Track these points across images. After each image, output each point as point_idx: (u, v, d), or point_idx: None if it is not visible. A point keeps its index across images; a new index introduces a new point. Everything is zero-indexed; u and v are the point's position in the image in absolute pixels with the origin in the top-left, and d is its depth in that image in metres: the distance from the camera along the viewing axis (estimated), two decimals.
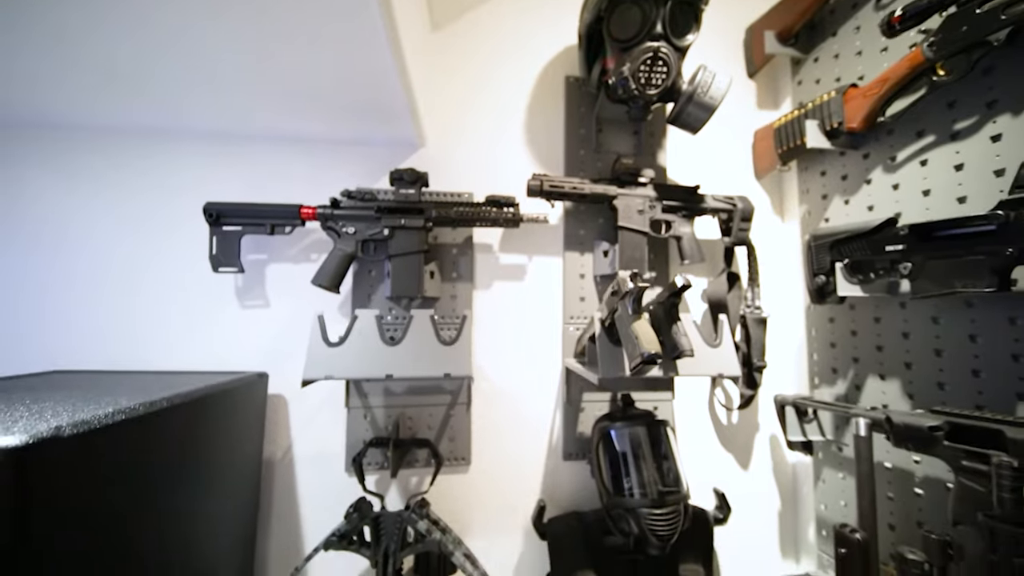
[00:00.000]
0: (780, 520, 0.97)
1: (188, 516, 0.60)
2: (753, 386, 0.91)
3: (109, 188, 0.84)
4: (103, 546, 0.44)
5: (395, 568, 0.72)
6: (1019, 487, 0.49)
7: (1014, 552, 0.47)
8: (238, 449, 0.72)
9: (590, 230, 0.96)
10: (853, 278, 0.75)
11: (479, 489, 0.88)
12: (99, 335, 0.82)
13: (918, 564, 0.58)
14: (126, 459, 0.47)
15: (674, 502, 0.72)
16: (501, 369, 0.92)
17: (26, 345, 0.80)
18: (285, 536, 0.82)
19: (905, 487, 0.73)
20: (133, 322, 0.83)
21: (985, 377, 0.62)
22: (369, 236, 0.81)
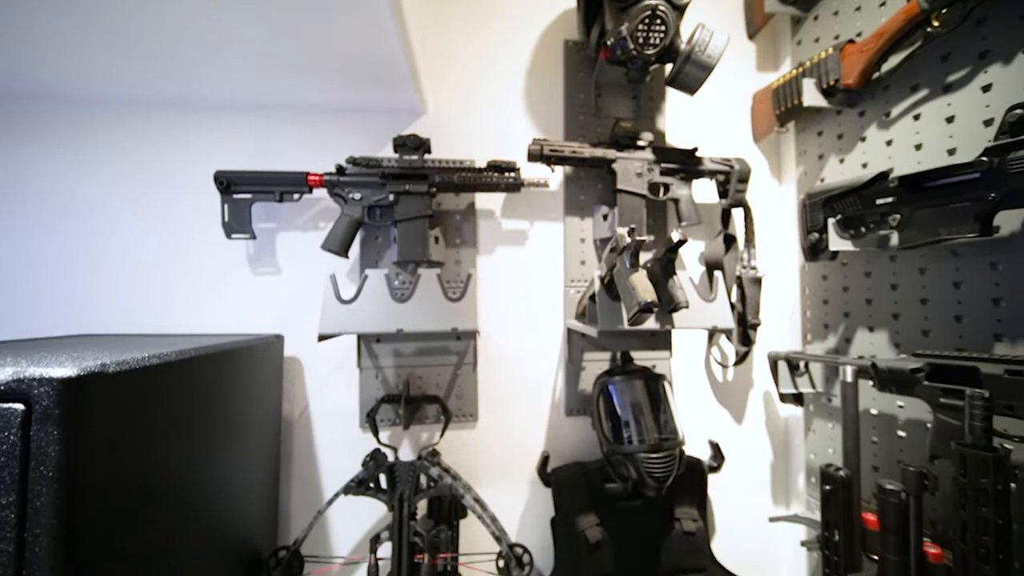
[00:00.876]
0: (772, 471, 1.02)
1: (219, 463, 0.64)
2: (747, 343, 0.95)
3: (117, 161, 0.87)
4: (148, 477, 0.49)
5: (410, 511, 0.78)
6: (989, 416, 0.52)
7: (981, 474, 0.51)
8: (259, 404, 0.76)
9: (590, 195, 0.98)
10: (845, 233, 0.77)
11: (486, 443, 0.93)
12: (116, 305, 0.86)
13: (895, 493, 0.63)
14: (162, 399, 0.51)
15: (669, 447, 0.77)
16: (505, 331, 0.95)
17: (48, 316, 0.84)
18: (306, 486, 0.88)
19: (889, 431, 0.77)
20: (147, 293, 0.87)
21: (966, 322, 0.65)
22: (375, 202, 0.84)
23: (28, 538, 0.37)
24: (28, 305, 0.84)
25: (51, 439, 0.38)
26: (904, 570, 0.62)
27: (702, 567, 0.85)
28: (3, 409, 0.38)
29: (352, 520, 0.88)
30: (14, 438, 0.38)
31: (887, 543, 0.63)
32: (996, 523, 0.51)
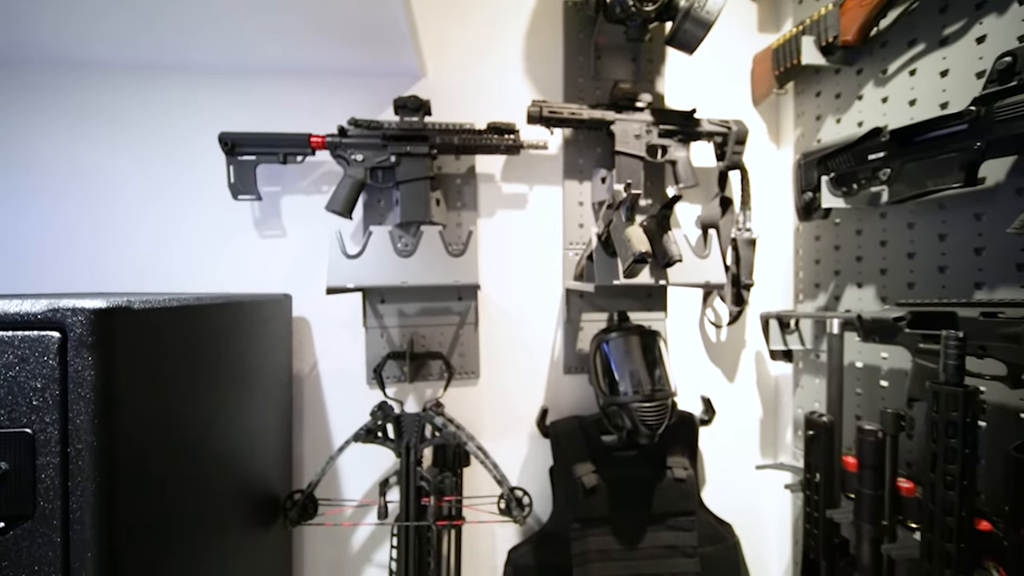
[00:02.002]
0: (761, 426, 1.07)
1: (236, 410, 0.68)
2: (740, 303, 0.97)
3: (122, 125, 0.88)
4: (173, 413, 0.53)
5: (416, 458, 0.82)
6: (962, 355, 0.55)
7: (952, 408, 0.55)
8: (271, 358, 0.80)
9: (588, 159, 0.99)
10: (837, 191, 0.79)
11: (488, 399, 0.97)
12: (122, 267, 0.89)
13: (873, 432, 0.66)
14: (183, 340, 0.54)
15: (662, 398, 0.80)
16: (506, 292, 0.98)
17: (52, 279, 0.86)
18: (317, 438, 0.93)
19: (872, 382, 0.80)
20: (153, 255, 0.89)
21: (949, 272, 0.67)
22: (377, 163, 0.85)
23: (71, 452, 0.41)
24: (32, 268, 0.86)
25: (87, 364, 0.41)
26: (879, 503, 0.66)
27: (691, 511, 0.91)
28: (41, 336, 0.41)
29: (362, 468, 0.93)
30: (53, 363, 0.41)
31: (864, 479, 0.67)
32: (963, 452, 0.54)
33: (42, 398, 0.41)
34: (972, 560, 0.55)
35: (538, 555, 0.89)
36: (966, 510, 0.54)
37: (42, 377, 0.41)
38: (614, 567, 0.87)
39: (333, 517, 0.90)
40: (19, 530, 0.40)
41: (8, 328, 0.40)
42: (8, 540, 0.40)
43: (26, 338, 0.40)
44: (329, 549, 0.92)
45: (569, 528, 0.88)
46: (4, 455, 0.40)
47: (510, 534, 0.97)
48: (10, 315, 0.41)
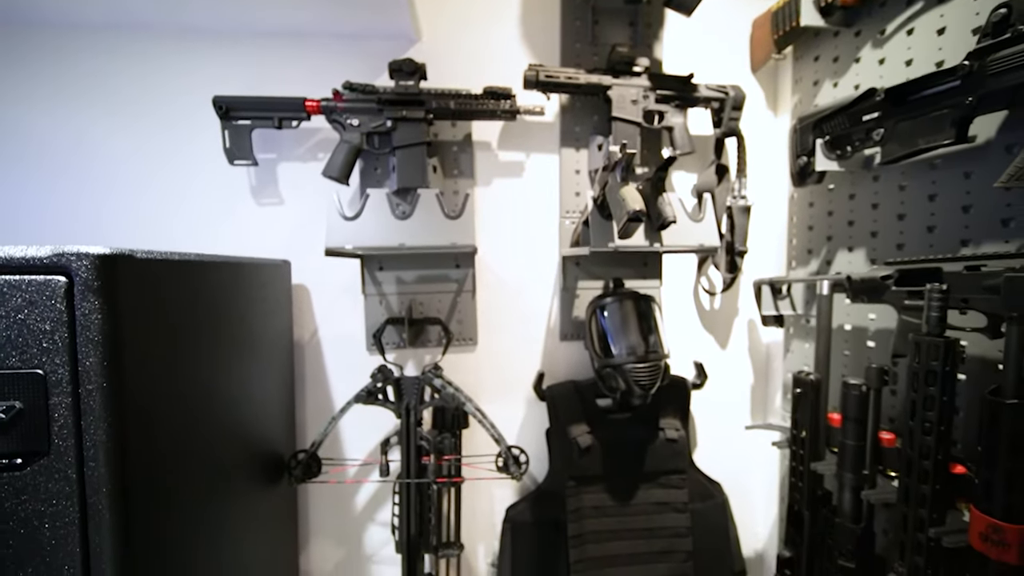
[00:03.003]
0: (752, 391, 1.10)
1: (238, 371, 0.69)
2: (734, 270, 0.99)
3: (114, 92, 0.87)
4: (177, 368, 0.54)
5: (416, 419, 0.85)
6: (944, 307, 0.57)
7: (932, 357, 0.57)
8: (272, 322, 0.81)
9: (585, 126, 0.99)
10: (831, 154, 0.79)
11: (485, 365, 1.00)
12: (119, 235, 0.89)
13: (857, 386, 0.69)
14: (185, 295, 0.56)
15: (655, 359, 0.83)
16: (503, 261, 0.99)
17: None
18: (319, 402, 0.95)
19: (859, 343, 0.83)
20: (150, 224, 0.89)
21: (938, 231, 0.69)
22: (373, 128, 0.85)
23: (82, 392, 0.43)
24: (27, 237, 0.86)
25: (93, 308, 0.42)
26: (860, 453, 0.69)
27: (682, 470, 0.94)
28: (48, 280, 0.42)
29: (363, 431, 0.95)
30: (60, 307, 0.42)
31: (847, 431, 0.70)
32: (941, 400, 0.56)
33: (52, 340, 0.42)
34: (946, 501, 0.58)
35: (535, 512, 0.93)
36: (942, 454, 0.57)
37: (51, 320, 0.42)
38: (607, 522, 0.91)
39: (336, 475, 0.93)
40: (36, 466, 0.42)
41: (15, 272, 0.41)
42: (27, 475, 0.42)
43: (33, 282, 0.41)
44: (333, 506, 0.96)
45: (564, 486, 0.91)
46: (18, 395, 0.42)
47: (508, 493, 1.01)
48: (16, 259, 0.41)
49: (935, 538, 0.56)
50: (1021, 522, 0.49)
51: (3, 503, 0.42)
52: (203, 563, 0.60)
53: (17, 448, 0.42)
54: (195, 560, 0.58)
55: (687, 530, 0.93)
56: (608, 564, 0.90)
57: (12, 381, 0.41)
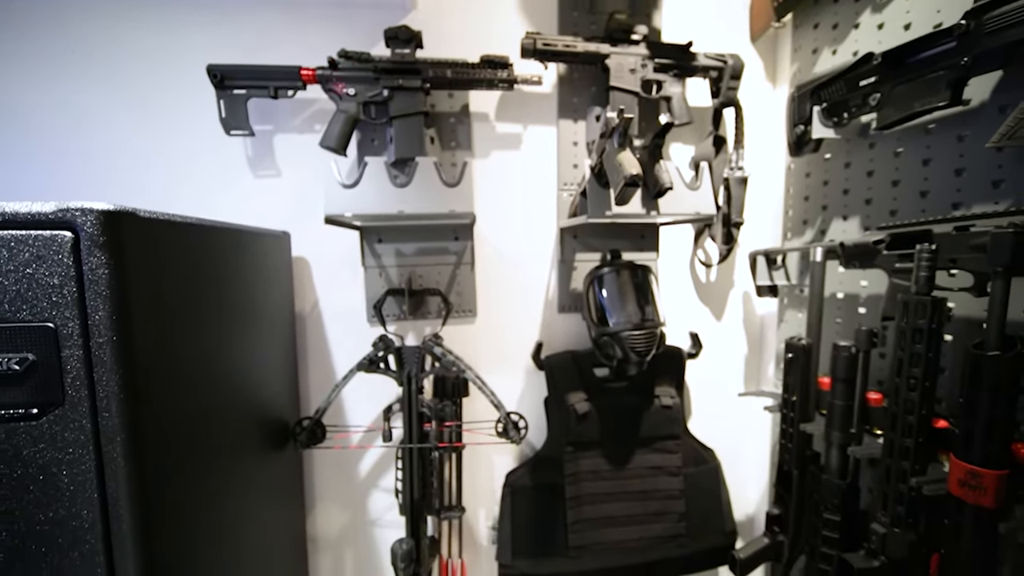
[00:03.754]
0: (746, 362, 1.12)
1: (241, 339, 0.71)
2: (730, 242, 1.00)
3: (108, 63, 0.86)
4: (182, 330, 0.55)
5: (418, 387, 0.87)
6: (933, 266, 0.58)
7: (919, 315, 0.58)
8: (273, 292, 0.82)
9: (583, 97, 0.98)
10: (828, 121, 0.80)
11: (485, 337, 1.01)
12: None
13: (847, 348, 0.71)
14: (186, 259, 0.56)
15: (651, 327, 0.84)
16: (501, 233, 1.00)
17: None
18: (321, 373, 0.97)
19: (851, 310, 0.84)
20: (149, 197, 0.89)
21: (931, 196, 0.70)
22: (369, 98, 0.84)
23: (93, 345, 0.44)
24: None
25: (100, 263, 0.43)
26: (848, 412, 0.72)
27: (676, 435, 0.97)
28: (54, 235, 0.42)
29: (366, 401, 0.98)
30: (68, 261, 0.43)
31: (836, 391, 0.72)
32: (927, 356, 0.58)
33: (61, 294, 0.43)
34: (928, 454, 0.60)
35: (534, 476, 0.96)
36: (926, 409, 0.59)
37: (59, 275, 0.43)
38: (604, 485, 0.94)
39: (341, 441, 0.95)
40: (52, 416, 0.44)
41: (21, 228, 0.42)
42: (43, 425, 0.44)
43: (40, 237, 0.42)
44: (338, 472, 0.99)
45: (562, 451, 0.94)
46: (30, 347, 0.43)
47: (507, 461, 1.04)
48: (22, 215, 0.42)
49: (916, 487, 0.59)
50: (997, 468, 0.51)
51: (22, 451, 0.44)
52: (216, 520, 0.62)
53: (32, 399, 0.43)
54: (208, 517, 0.60)
55: (680, 493, 0.96)
56: (604, 525, 0.94)
57: (24, 334, 0.43)
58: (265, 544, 0.78)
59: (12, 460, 0.44)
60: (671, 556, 0.96)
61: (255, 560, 0.73)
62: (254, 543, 0.73)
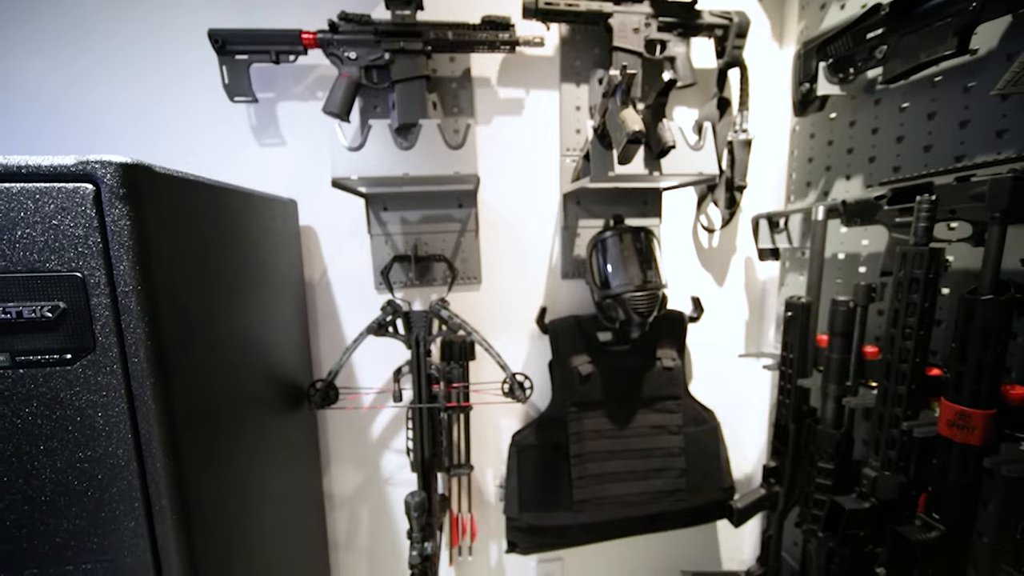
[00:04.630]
0: (747, 327, 1.14)
1: (255, 303, 0.73)
2: (733, 206, 1.00)
3: (108, 36, 0.85)
4: (198, 282, 0.57)
5: (426, 349, 0.89)
6: (932, 217, 0.59)
7: (916, 265, 0.59)
8: (282, 259, 0.84)
9: (586, 60, 0.97)
10: (834, 77, 0.79)
11: (489, 303, 1.03)
12: None
13: (845, 303, 0.72)
14: (200, 216, 0.58)
15: (653, 288, 0.86)
16: (504, 200, 1.01)
17: None
18: (332, 338, 0.99)
19: (851, 270, 0.85)
20: None
21: (934, 150, 0.70)
22: (371, 62, 0.84)
23: (119, 294, 0.46)
24: None
25: (122, 214, 0.45)
26: (844, 365, 0.74)
27: (677, 396, 1.00)
28: (77, 188, 0.44)
29: (375, 366, 1.01)
30: (91, 213, 0.44)
31: (833, 345, 0.74)
32: (922, 306, 0.60)
33: (86, 245, 0.45)
34: (920, 401, 0.63)
35: (539, 436, 0.99)
36: (920, 357, 0.61)
37: (83, 226, 0.44)
38: (606, 443, 0.98)
39: (353, 403, 0.99)
40: (85, 361, 0.46)
41: (44, 180, 0.44)
42: (77, 369, 0.46)
43: (63, 189, 0.44)
44: (351, 433, 1.03)
45: (566, 411, 0.97)
46: (61, 296, 0.45)
47: (513, 423, 1.07)
48: (44, 168, 0.44)
49: (907, 431, 0.61)
50: (986, 408, 0.53)
51: (60, 394, 0.46)
52: (241, 472, 0.66)
53: (66, 345, 0.46)
54: (234, 469, 0.63)
55: (680, 450, 1.00)
56: (607, 480, 0.98)
57: (55, 283, 0.45)
58: (287, 499, 0.82)
59: (51, 403, 0.46)
60: (671, 510, 1.00)
61: (279, 515, 0.78)
62: (276, 498, 0.77)
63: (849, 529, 0.66)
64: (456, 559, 1.06)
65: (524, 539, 0.99)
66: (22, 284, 0.44)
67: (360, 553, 1.08)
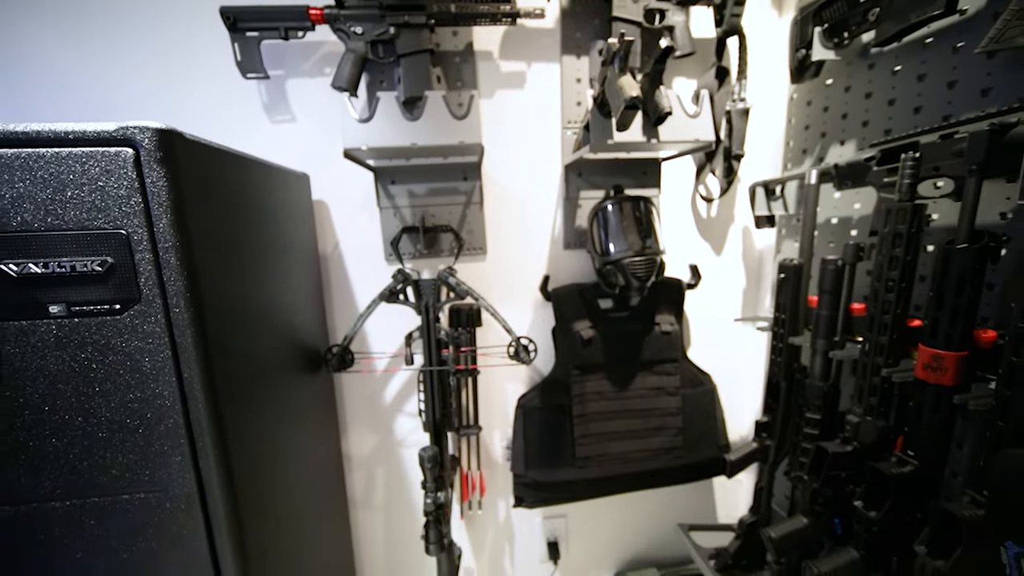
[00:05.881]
0: (744, 295, 1.18)
1: (274, 270, 0.77)
2: (730, 174, 1.03)
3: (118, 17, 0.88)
4: (229, 248, 0.62)
5: (435, 316, 0.94)
6: (916, 173, 0.62)
7: (899, 220, 0.63)
8: (298, 231, 0.89)
9: (586, 32, 0.99)
10: (829, 42, 0.80)
11: (495, 273, 1.07)
12: None
13: (833, 262, 0.76)
14: (224, 182, 0.62)
15: (651, 253, 0.90)
16: (508, 173, 1.04)
17: None
18: (345, 308, 1.05)
19: (844, 233, 0.88)
20: None
21: (924, 111, 0.72)
22: (376, 36, 0.86)
23: (160, 250, 0.51)
24: None
25: (159, 176, 0.49)
26: (832, 321, 0.78)
27: (675, 359, 1.04)
28: (119, 152, 0.48)
29: (387, 334, 1.06)
30: (132, 175, 0.49)
31: (822, 303, 0.78)
32: (904, 260, 0.63)
33: (129, 204, 0.49)
34: (901, 351, 0.67)
35: (543, 398, 1.05)
36: (901, 308, 0.65)
37: (125, 187, 0.49)
38: (607, 404, 1.03)
39: (367, 366, 1.05)
40: (132, 311, 0.51)
41: (89, 144, 0.48)
42: (125, 319, 0.52)
43: (106, 153, 0.48)
44: (366, 397, 1.09)
45: (569, 374, 1.02)
46: (108, 251, 0.50)
47: (519, 387, 1.13)
48: (89, 133, 0.48)
49: (887, 377, 0.65)
50: (958, 350, 0.57)
51: (111, 341, 0.52)
52: (271, 425, 0.72)
53: (114, 296, 0.51)
54: (263, 422, 0.69)
55: (678, 410, 1.05)
56: (608, 439, 1.04)
57: (102, 239, 0.49)
58: (310, 459, 0.88)
59: (104, 349, 0.52)
60: (669, 466, 1.06)
61: (303, 472, 0.84)
62: (301, 456, 0.83)
63: (832, 471, 0.71)
64: (467, 513, 1.13)
65: (530, 494, 1.05)
66: (74, 241, 0.49)
67: (377, 511, 1.15)
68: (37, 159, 0.47)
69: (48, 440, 0.53)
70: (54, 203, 0.48)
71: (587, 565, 1.25)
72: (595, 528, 1.22)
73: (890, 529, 0.63)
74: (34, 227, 0.48)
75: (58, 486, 0.54)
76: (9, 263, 0.48)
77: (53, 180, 0.48)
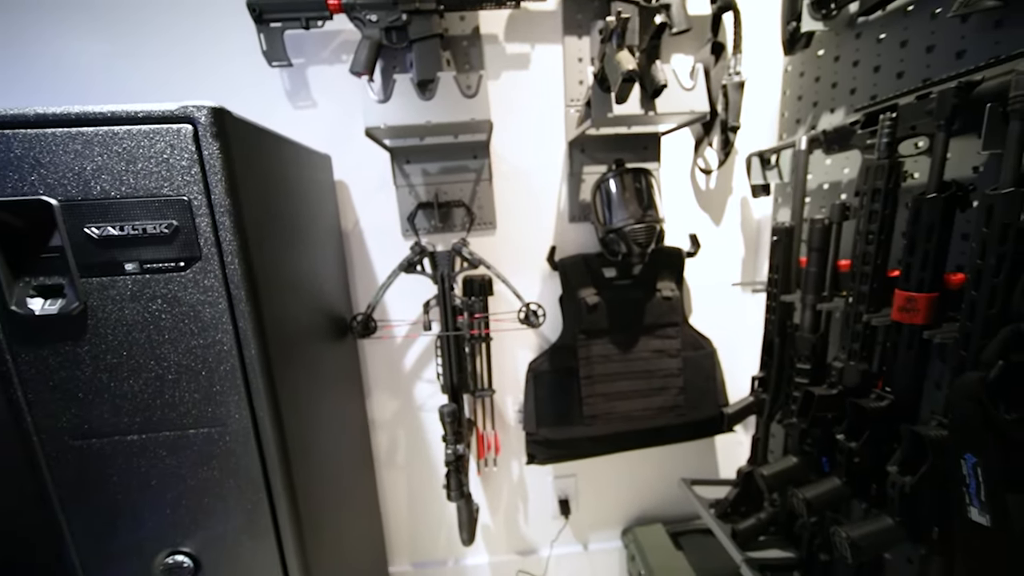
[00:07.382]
0: (743, 263, 1.23)
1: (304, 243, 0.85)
2: (728, 146, 1.08)
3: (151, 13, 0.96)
4: (271, 219, 0.69)
5: (450, 285, 1.02)
6: (893, 132, 0.67)
7: (877, 177, 0.68)
8: (323, 208, 0.96)
9: (587, 13, 1.04)
10: (817, 14, 0.85)
11: (504, 246, 1.14)
12: None
13: (821, 220, 0.81)
14: (263, 159, 0.70)
15: (651, 221, 0.96)
16: (515, 151, 1.10)
17: None
18: (366, 281, 1.13)
19: (834, 197, 0.93)
20: None
21: (906, 76, 0.76)
22: (390, 23, 0.93)
23: (216, 214, 0.58)
24: None
25: (215, 150, 0.57)
26: (820, 277, 0.83)
27: (676, 323, 1.11)
28: (180, 128, 0.56)
29: (405, 302, 1.14)
30: (192, 148, 0.56)
31: (811, 260, 0.83)
32: (883, 213, 0.68)
33: (190, 175, 0.57)
34: (882, 300, 0.72)
35: (552, 362, 1.12)
36: (881, 259, 0.70)
37: (186, 159, 0.57)
38: (612, 366, 1.10)
39: (389, 333, 1.13)
40: (195, 268, 0.60)
41: (156, 123, 0.56)
42: (189, 275, 0.60)
43: (170, 130, 0.56)
44: (388, 364, 1.17)
45: (576, 339, 1.09)
46: (173, 215, 0.58)
47: (528, 353, 1.20)
48: (155, 112, 0.55)
49: (868, 323, 0.71)
50: (929, 292, 0.63)
51: (176, 294, 0.60)
52: (307, 380, 0.80)
53: (179, 255, 0.59)
54: (300, 375, 0.77)
55: (679, 371, 1.12)
56: (613, 399, 1.11)
57: (169, 205, 0.57)
58: (340, 417, 0.97)
59: (172, 301, 0.60)
60: (672, 424, 1.13)
61: (335, 429, 0.93)
62: (333, 416, 0.92)
63: (819, 412, 0.77)
64: (483, 470, 1.22)
65: (541, 451, 1.13)
66: (145, 206, 0.57)
67: (399, 469, 1.25)
68: (113, 136, 0.55)
69: (126, 381, 0.61)
70: (127, 174, 0.56)
71: (596, 521, 1.33)
72: (603, 486, 1.30)
73: (869, 458, 0.70)
74: (111, 195, 0.56)
75: (135, 422, 0.63)
76: (92, 226, 0.56)
77: (126, 154, 0.56)
